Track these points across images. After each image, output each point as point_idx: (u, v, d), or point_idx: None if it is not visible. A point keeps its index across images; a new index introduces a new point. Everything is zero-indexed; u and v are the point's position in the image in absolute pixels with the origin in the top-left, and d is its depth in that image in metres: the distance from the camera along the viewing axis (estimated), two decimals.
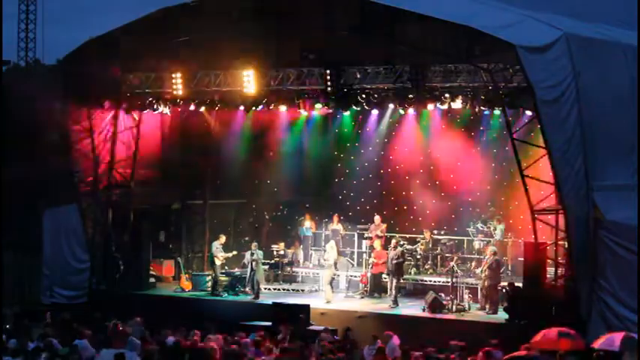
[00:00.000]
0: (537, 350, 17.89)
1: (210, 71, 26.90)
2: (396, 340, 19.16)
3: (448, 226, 28.72)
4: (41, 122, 28.28)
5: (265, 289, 27.26)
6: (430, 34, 21.91)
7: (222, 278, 27.27)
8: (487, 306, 24.17)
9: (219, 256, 27.45)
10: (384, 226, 28.12)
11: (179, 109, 28.03)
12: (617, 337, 17.71)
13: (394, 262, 25.40)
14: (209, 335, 18.99)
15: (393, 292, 25.27)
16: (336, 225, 29.18)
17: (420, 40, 22.59)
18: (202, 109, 27.98)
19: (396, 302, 25.00)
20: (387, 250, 26.09)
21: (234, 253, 27.66)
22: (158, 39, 24.86)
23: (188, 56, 25.90)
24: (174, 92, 27.18)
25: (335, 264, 26.50)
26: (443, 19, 21.34)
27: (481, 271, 24.71)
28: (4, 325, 20.58)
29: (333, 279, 26.45)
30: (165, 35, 24.72)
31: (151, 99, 27.80)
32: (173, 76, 27.01)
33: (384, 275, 26.06)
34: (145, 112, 28.08)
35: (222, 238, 27.85)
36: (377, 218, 28.33)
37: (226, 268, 27.84)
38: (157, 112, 28.01)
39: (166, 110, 28.03)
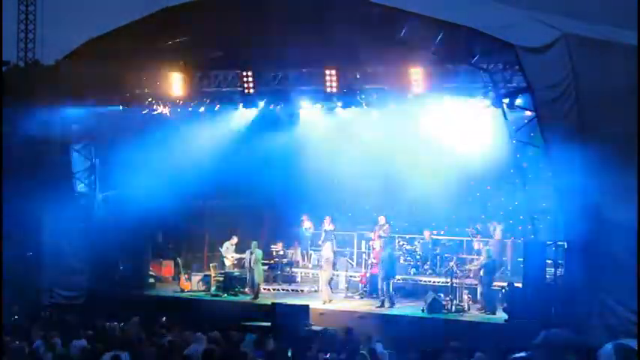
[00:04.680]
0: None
1: (210, 71, 26.92)
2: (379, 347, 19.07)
3: (448, 227, 28.72)
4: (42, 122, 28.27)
5: (264, 289, 27.26)
6: (430, 34, 21.88)
7: (220, 279, 27.28)
8: (485, 306, 24.17)
9: (229, 256, 27.47)
10: (386, 226, 28.11)
11: (178, 110, 28.04)
12: None
13: (383, 263, 25.28)
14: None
15: (386, 293, 25.07)
16: (327, 226, 29.20)
17: (419, 40, 22.57)
18: (202, 109, 28.00)
19: (391, 303, 24.87)
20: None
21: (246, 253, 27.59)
22: (158, 39, 24.85)
23: (188, 56, 25.91)
24: (174, 92, 27.20)
25: (334, 264, 26.48)
26: (443, 19, 21.33)
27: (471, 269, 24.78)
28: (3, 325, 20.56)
29: (331, 279, 26.45)
30: (165, 35, 24.72)
31: (150, 99, 27.83)
32: (173, 76, 27.03)
33: None
34: (144, 112, 28.11)
35: (234, 239, 27.93)
36: (381, 218, 28.31)
37: (232, 267, 27.84)
38: (156, 112, 28.03)
39: (166, 110, 28.06)
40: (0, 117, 27.66)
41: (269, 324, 22.72)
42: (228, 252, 27.78)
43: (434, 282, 26.39)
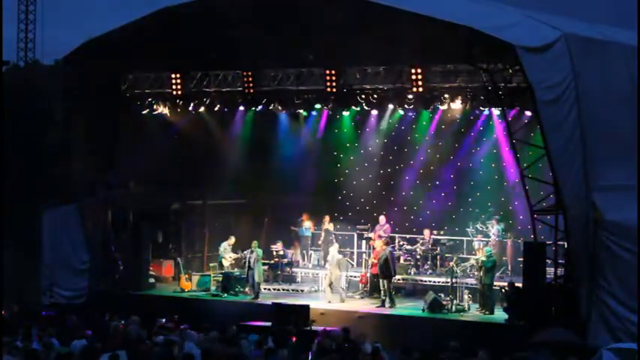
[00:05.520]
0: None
1: (210, 71, 26.92)
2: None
3: (448, 227, 28.71)
4: (42, 122, 28.32)
5: (265, 289, 27.23)
6: (430, 34, 21.89)
7: (219, 279, 27.28)
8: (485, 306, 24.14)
9: (227, 257, 27.45)
10: (387, 226, 28.09)
11: (178, 109, 28.05)
12: None
13: (382, 263, 25.22)
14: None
15: (387, 292, 25.00)
16: (327, 225, 29.16)
17: (419, 40, 22.57)
18: (202, 109, 28.01)
19: (391, 302, 24.84)
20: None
21: (245, 252, 27.54)
22: (158, 39, 24.85)
23: (188, 56, 25.91)
24: (174, 92, 27.20)
25: (338, 264, 26.41)
26: (443, 19, 21.32)
27: (471, 268, 24.73)
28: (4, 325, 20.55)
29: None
30: (165, 35, 24.71)
31: (150, 99, 27.83)
32: (173, 76, 27.04)
33: None
34: (144, 112, 28.12)
35: (232, 239, 27.87)
36: (382, 218, 28.29)
37: (231, 268, 27.82)
38: (156, 112, 28.04)
39: (166, 110, 28.07)
40: (1, 118, 27.67)
41: (269, 324, 22.71)
42: (226, 252, 27.75)
43: (434, 282, 26.37)
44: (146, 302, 26.05)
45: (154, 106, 27.93)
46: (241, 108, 28.36)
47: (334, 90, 25.64)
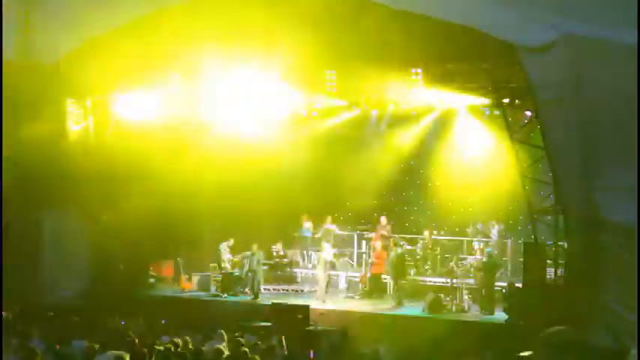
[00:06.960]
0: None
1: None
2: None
3: (448, 227, 28.72)
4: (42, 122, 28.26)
5: (264, 289, 27.26)
6: (429, 33, 21.87)
7: (219, 279, 27.29)
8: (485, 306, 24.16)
9: (226, 258, 27.49)
10: (388, 226, 28.12)
11: None
12: None
13: (393, 262, 25.33)
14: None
15: (396, 293, 25.16)
16: (327, 226, 29.16)
17: (419, 40, 22.55)
18: None
19: (399, 303, 24.90)
20: (388, 250, 26.09)
21: (245, 253, 27.54)
22: (157, 39, 24.83)
23: (188, 56, 25.88)
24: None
25: (332, 264, 26.46)
26: (443, 18, 21.31)
27: (470, 266, 24.78)
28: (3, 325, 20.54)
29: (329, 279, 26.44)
30: (164, 35, 24.69)
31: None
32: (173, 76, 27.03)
33: (383, 275, 26.06)
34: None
35: (231, 240, 27.88)
36: (383, 219, 28.36)
37: (229, 268, 27.83)
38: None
39: None
40: (0, 118, 27.61)
41: (269, 324, 22.72)
42: (225, 253, 27.77)
43: (434, 282, 26.39)
44: (146, 302, 26.05)
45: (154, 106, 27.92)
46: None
47: (334, 90, 25.64)
